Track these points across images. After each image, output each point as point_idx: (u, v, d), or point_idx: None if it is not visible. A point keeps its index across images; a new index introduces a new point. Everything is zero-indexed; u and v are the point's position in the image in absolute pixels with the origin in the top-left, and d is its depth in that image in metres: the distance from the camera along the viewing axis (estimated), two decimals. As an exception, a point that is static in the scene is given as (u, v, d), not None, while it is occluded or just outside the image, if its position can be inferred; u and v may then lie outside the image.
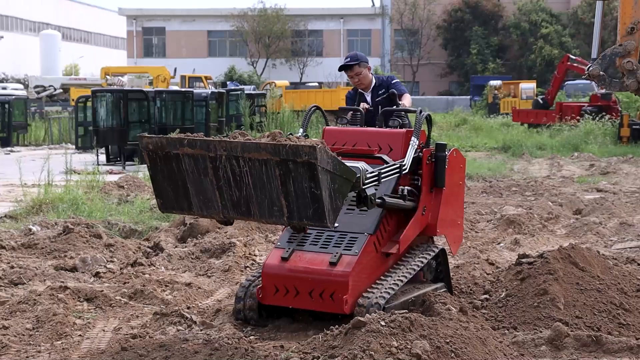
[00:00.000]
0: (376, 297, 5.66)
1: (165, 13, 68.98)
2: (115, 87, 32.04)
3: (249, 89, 38.66)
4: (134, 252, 8.88)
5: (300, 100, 34.41)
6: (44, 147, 28.29)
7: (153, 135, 5.45)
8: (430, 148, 6.42)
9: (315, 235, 6.04)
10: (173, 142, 5.28)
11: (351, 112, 6.94)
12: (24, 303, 6.27)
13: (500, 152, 24.45)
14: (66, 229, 9.27)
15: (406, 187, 6.14)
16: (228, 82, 49.77)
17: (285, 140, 5.00)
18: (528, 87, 44.96)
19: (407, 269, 6.06)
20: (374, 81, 7.40)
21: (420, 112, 6.35)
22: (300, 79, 62.89)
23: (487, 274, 7.31)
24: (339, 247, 5.89)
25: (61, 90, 48.63)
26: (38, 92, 47.65)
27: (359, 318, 4.86)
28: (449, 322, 5.08)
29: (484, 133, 30.36)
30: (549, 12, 60.61)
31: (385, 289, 5.78)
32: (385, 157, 6.10)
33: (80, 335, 5.74)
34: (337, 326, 4.95)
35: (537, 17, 59.81)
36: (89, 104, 24.56)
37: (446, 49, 63.54)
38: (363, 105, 7.07)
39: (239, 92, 30.78)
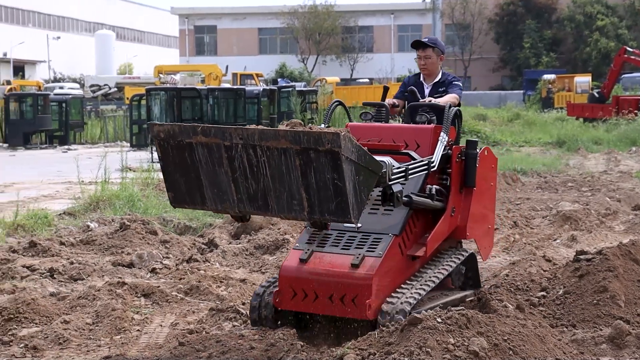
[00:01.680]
0: (401, 303, 5.29)
1: (217, 11, 69.39)
2: (168, 85, 32.35)
3: (299, 86, 38.72)
4: (189, 249, 8.96)
5: (351, 97, 34.39)
6: (100, 145, 28.72)
7: (164, 123, 5.16)
8: (460, 145, 6.06)
9: (337, 236, 5.66)
10: (186, 130, 4.96)
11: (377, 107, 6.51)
12: (84, 298, 6.37)
13: (555, 147, 24.14)
14: (123, 226, 9.41)
15: (434, 186, 5.81)
16: (279, 79, 49.92)
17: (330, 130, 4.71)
18: (583, 80, 44.33)
19: (434, 273, 5.70)
20: (440, 75, 6.94)
21: (450, 107, 6.01)
22: (351, 75, 62.82)
23: (544, 271, 7.21)
24: (362, 248, 5.50)
25: (116, 89, 49.26)
26: (93, 91, 48.33)
27: (415, 315, 4.80)
28: (506, 319, 5.03)
29: (538, 128, 30.00)
30: (605, 3, 59.66)
31: (411, 294, 5.41)
32: (413, 154, 5.78)
33: (138, 330, 5.81)
34: (392, 323, 4.93)
35: (593, 9, 58.91)
36: (143, 102, 24.86)
37: (498, 43, 62.93)
38: (389, 100, 6.61)
39: (290, 89, 30.87)
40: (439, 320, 4.70)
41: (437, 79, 6.89)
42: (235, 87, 31.89)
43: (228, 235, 9.76)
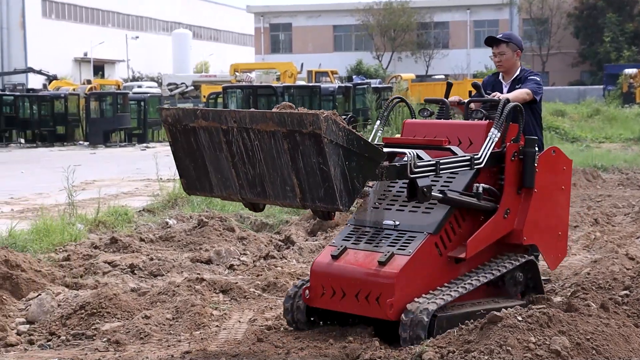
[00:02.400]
0: (428, 302, 5.12)
1: (292, 9, 69.73)
2: (244, 83, 32.64)
3: (374, 83, 38.65)
4: (265, 245, 9.03)
5: (426, 93, 34.11)
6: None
7: (171, 107, 5.12)
8: (518, 143, 5.70)
9: (373, 233, 5.50)
10: (188, 113, 4.95)
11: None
12: (164, 294, 6.47)
13: (637, 143, 23.57)
14: (201, 223, 9.52)
15: (482, 185, 5.48)
16: (354, 76, 49.91)
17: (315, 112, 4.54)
18: (666, 75, 43.17)
19: (477, 277, 5.44)
20: (518, 72, 6.70)
21: (507, 102, 5.68)
22: (426, 71, 62.44)
23: (627, 269, 7.05)
24: (394, 246, 5.32)
25: (192, 87, 49.95)
26: (171, 90, 49.09)
27: (495, 313, 4.73)
28: (589, 318, 4.92)
29: (619, 124, 29.31)
30: (689, -5, 58.07)
31: (444, 295, 5.21)
32: (455, 149, 5.53)
33: (217, 325, 5.87)
34: (472, 321, 4.88)
35: (676, 1, 57.38)
36: (220, 100, 25.15)
37: (577, 38, 61.74)
38: (454, 97, 6.35)
39: (365, 86, 30.84)
40: (520, 318, 4.62)
41: (514, 76, 6.66)
42: (310, 84, 32.00)
43: (304, 232, 9.80)
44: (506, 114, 5.59)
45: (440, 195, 5.31)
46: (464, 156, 5.40)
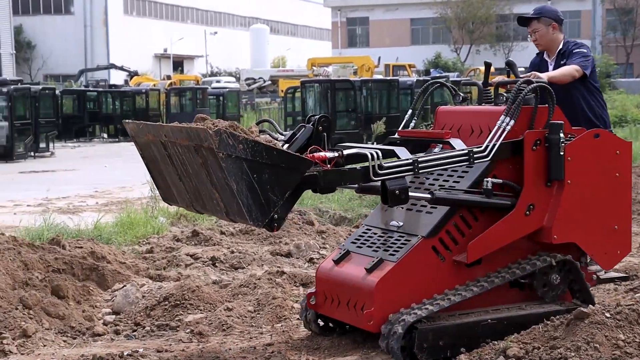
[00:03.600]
0: (410, 313, 4.71)
1: (369, 3, 69.53)
2: (321, 78, 32.71)
3: (453, 76, 38.28)
4: (344, 239, 9.03)
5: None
6: (255, 137, 29.31)
7: (132, 121, 5.04)
8: (539, 130, 5.08)
9: (379, 236, 5.14)
10: (140, 127, 4.88)
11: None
12: (245, 286, 6.52)
13: None
14: (280, 216, 9.57)
15: (491, 180, 4.95)
16: (432, 70, 49.55)
17: (215, 125, 4.32)
18: None
19: (484, 282, 4.96)
20: (561, 45, 6.04)
21: (528, 83, 5.06)
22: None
23: None
24: (388, 250, 4.95)
25: (270, 82, 50.28)
26: (249, 84, 49.50)
27: (582, 309, 4.55)
28: (679, 315, 4.77)
29: None
30: None
31: (430, 304, 4.79)
32: (455, 142, 5.01)
33: (298, 318, 5.89)
34: (558, 317, 4.78)
35: None
36: (298, 94, 25.24)
37: (663, 28, 60.17)
38: (497, 79, 5.75)
39: (443, 80, 30.56)
40: (607, 315, 4.51)
41: (558, 51, 6.05)
42: (388, 78, 31.89)
43: (383, 226, 9.76)
44: (521, 97, 5.00)
45: (428, 195, 4.90)
46: (461, 150, 4.89)
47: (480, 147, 4.91)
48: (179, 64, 67.63)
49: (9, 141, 21.60)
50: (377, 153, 4.62)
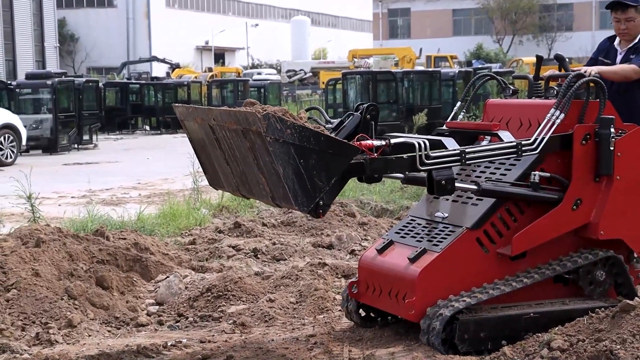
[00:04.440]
0: (447, 306, 4.70)
1: (410, -6, 69.33)
2: (362, 69, 32.67)
3: (495, 67, 38.00)
4: (386, 231, 9.01)
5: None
6: (296, 129, 29.37)
7: (181, 105, 5.04)
8: (589, 124, 5.03)
9: (423, 226, 5.14)
10: (189, 111, 4.90)
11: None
12: (287, 278, 6.54)
13: None
14: (322, 208, 9.58)
15: (538, 173, 4.93)
16: (473, 61, 49.23)
17: (264, 109, 4.28)
18: None
19: (524, 277, 4.93)
20: (637, 39, 5.86)
21: (579, 76, 5.00)
22: (548, 55, 60.95)
23: None
24: (432, 241, 4.95)
25: (311, 74, 50.34)
26: (290, 76, 49.61)
27: (627, 301, 4.47)
28: None
29: None
30: None
31: (468, 297, 4.77)
32: (503, 134, 4.98)
33: (340, 310, 5.90)
34: (603, 309, 4.73)
35: None
36: (339, 86, 25.23)
37: None
38: (549, 72, 5.62)
39: (486, 71, 30.35)
40: (654, 308, 4.45)
41: (632, 44, 5.87)
42: (429, 69, 31.75)
43: (425, 217, 9.73)
44: (572, 91, 4.96)
45: (474, 186, 4.86)
46: (509, 142, 4.86)
47: (529, 139, 4.87)
48: (220, 56, 67.96)
49: (53, 133, 21.87)
50: (424, 143, 4.61)
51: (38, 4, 52.93)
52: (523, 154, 4.87)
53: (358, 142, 4.55)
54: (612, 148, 4.97)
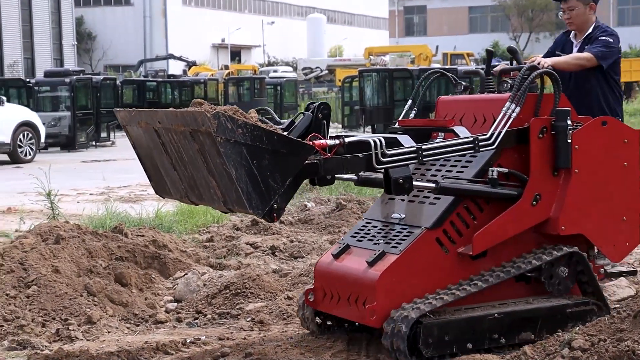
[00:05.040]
0: (412, 308, 4.50)
1: (427, -9, 69.20)
2: (379, 67, 32.63)
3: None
4: (404, 229, 9.00)
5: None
6: (313, 126, 29.38)
7: (122, 109, 4.81)
8: (545, 117, 4.88)
9: (380, 228, 4.94)
10: (130, 115, 4.66)
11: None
12: (305, 275, 6.54)
13: None
14: (339, 206, 9.58)
15: (497, 169, 4.77)
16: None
17: (214, 108, 4.08)
18: None
19: (489, 276, 4.75)
20: (590, 29, 5.78)
21: (532, 69, 4.87)
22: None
23: None
24: (390, 243, 4.73)
25: (327, 72, 50.33)
26: (306, 74, 49.65)
27: None
28: None
29: None
30: None
31: (433, 299, 4.58)
32: (459, 130, 4.85)
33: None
34: (624, 309, 4.70)
35: None
36: (355, 84, 25.24)
37: None
38: (500, 66, 5.48)
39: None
40: (676, 307, 4.42)
41: (586, 34, 5.78)
42: (446, 67, 31.67)
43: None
44: (526, 84, 4.79)
45: (432, 184, 4.70)
46: (466, 138, 4.71)
47: (486, 134, 4.73)
48: (236, 53, 68.06)
49: (71, 131, 21.99)
50: (380, 140, 4.44)
51: (56, 2, 53.20)
52: (480, 149, 4.71)
53: (312, 142, 4.37)
54: (569, 141, 4.82)
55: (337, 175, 4.57)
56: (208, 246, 8.14)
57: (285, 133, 4.46)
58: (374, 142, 4.40)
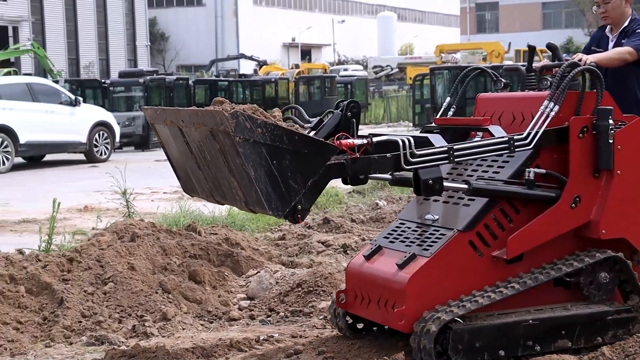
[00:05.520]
0: (446, 312, 4.33)
1: (498, -13, 68.41)
2: (450, 64, 32.38)
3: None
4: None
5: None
6: (383, 125, 29.38)
7: (150, 107, 4.76)
8: (586, 116, 4.67)
9: (413, 230, 4.79)
10: (156, 113, 4.62)
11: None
12: (377, 274, 6.51)
13: None
14: (411, 204, 9.53)
15: (534, 170, 4.57)
16: (564, 55, 48.20)
17: (233, 107, 4.01)
18: None
19: (524, 280, 4.53)
20: (627, 22, 5.57)
21: (573, 66, 4.67)
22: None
23: None
24: (421, 245, 4.59)
25: (397, 70, 50.14)
26: (376, 72, 49.53)
27: None
28: None
29: None
30: None
31: (467, 302, 4.40)
32: (494, 129, 4.68)
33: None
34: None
35: None
36: (426, 81, 25.09)
37: None
38: (540, 63, 5.31)
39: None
40: None
41: (622, 28, 5.57)
42: (518, 64, 31.26)
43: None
44: (566, 82, 4.61)
45: (465, 185, 4.52)
46: (500, 138, 4.53)
47: (522, 134, 4.55)
48: (306, 52, 68.29)
49: (145, 130, 22.34)
50: (408, 140, 4.31)
51: (130, 4, 54.17)
52: (516, 150, 4.55)
53: (338, 141, 4.27)
54: (611, 141, 4.59)
55: (370, 175, 4.48)
56: (280, 244, 8.18)
57: (312, 133, 4.41)
58: (402, 141, 4.30)
